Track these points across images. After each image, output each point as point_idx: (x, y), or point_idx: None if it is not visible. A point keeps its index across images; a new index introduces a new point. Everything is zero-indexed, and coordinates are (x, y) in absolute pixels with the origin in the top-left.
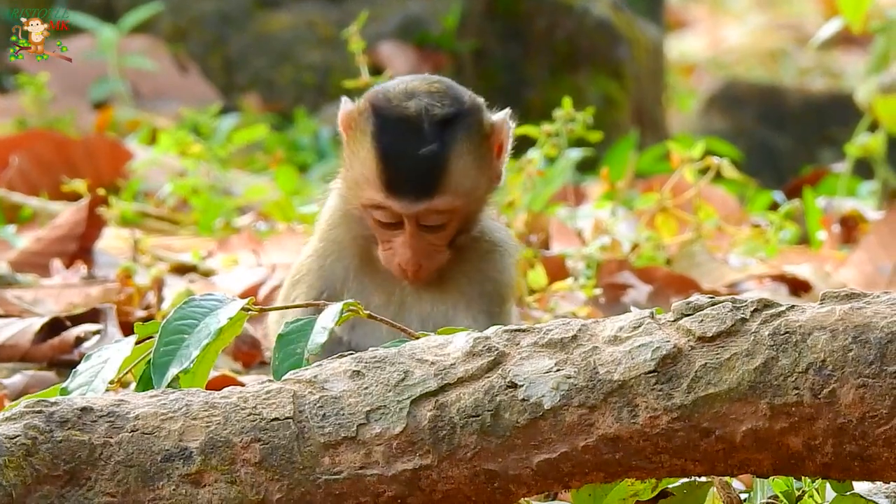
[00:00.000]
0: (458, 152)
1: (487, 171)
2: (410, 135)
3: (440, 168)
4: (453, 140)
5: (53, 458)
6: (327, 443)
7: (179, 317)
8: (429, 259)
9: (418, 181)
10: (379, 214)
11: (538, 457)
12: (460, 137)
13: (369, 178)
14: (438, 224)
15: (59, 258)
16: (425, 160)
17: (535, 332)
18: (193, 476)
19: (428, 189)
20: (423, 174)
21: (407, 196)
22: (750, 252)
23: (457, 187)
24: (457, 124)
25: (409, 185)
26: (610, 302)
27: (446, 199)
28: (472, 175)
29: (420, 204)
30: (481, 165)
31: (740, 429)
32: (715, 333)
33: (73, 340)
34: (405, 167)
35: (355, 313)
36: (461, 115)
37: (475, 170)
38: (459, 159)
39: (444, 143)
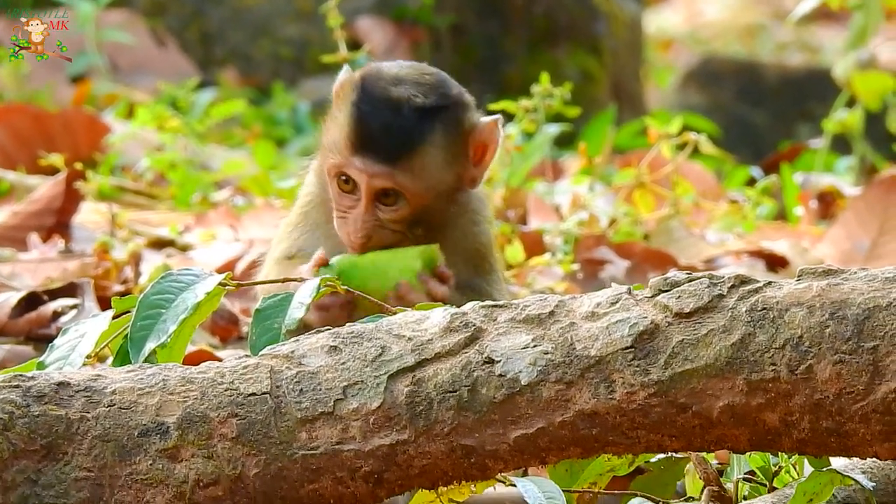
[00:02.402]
0: (430, 140)
1: (458, 170)
2: (388, 111)
3: (408, 144)
4: (428, 128)
5: (30, 432)
6: (304, 418)
7: (157, 291)
8: (378, 234)
9: (383, 147)
10: (341, 181)
11: (515, 432)
12: (436, 128)
13: (340, 139)
14: (392, 203)
15: (37, 232)
16: (395, 132)
17: (512, 308)
18: (170, 451)
19: (390, 157)
20: (390, 144)
21: (369, 157)
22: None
23: (418, 170)
24: (435, 116)
25: (375, 147)
26: (587, 277)
27: (405, 176)
28: (439, 167)
29: (378, 168)
30: (451, 162)
31: (717, 404)
32: (692, 309)
33: (50, 314)
34: (374, 133)
35: (333, 289)
36: (442, 108)
37: (442, 162)
38: (429, 147)
39: (418, 128)
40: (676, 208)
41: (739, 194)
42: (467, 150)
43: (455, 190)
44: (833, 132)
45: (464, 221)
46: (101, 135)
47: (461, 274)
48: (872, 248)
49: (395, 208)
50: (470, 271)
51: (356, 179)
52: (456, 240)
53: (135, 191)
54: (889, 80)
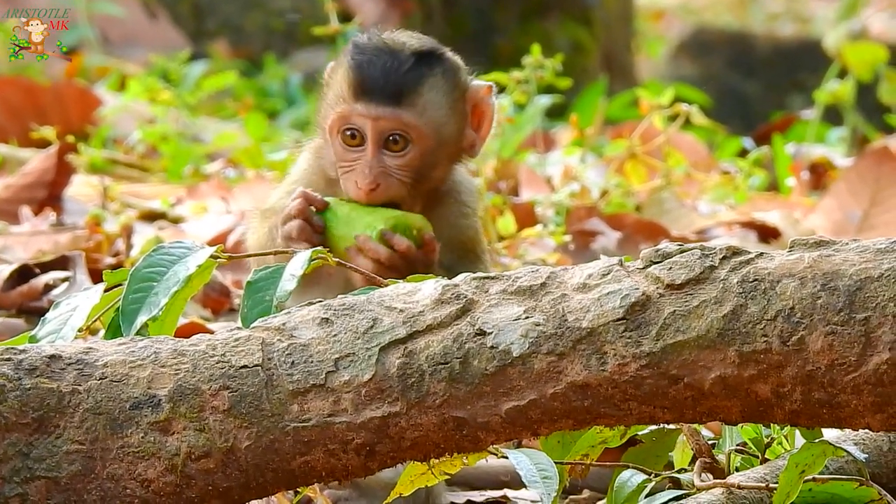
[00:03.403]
0: (430, 81)
1: (459, 123)
2: (386, 56)
3: (410, 83)
4: (427, 70)
5: (22, 405)
6: (296, 390)
7: (148, 264)
8: (386, 182)
9: (386, 87)
10: (346, 132)
11: (507, 404)
12: (435, 70)
13: (341, 91)
14: (400, 148)
15: (28, 205)
16: (396, 72)
17: (503, 280)
18: (162, 423)
19: (394, 96)
20: (392, 83)
21: (374, 99)
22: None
23: (425, 111)
24: (434, 61)
25: (377, 89)
26: (579, 249)
27: (411, 113)
28: (441, 109)
29: (382, 110)
30: (452, 110)
31: (709, 376)
32: (684, 281)
33: (41, 287)
34: (376, 75)
35: (324, 261)
36: (439, 57)
37: (445, 106)
38: (430, 86)
39: (417, 69)
40: (668, 179)
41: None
42: (465, 106)
43: (456, 149)
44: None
45: (452, 212)
46: (93, 107)
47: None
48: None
49: (403, 153)
50: (455, 259)
51: (361, 127)
52: (444, 230)
53: (126, 163)
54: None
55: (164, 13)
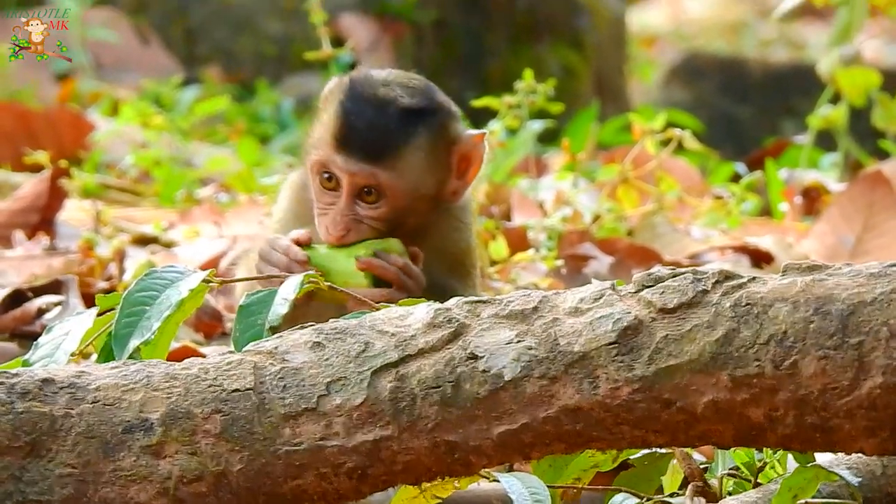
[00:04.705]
0: (413, 142)
1: (440, 177)
2: (374, 111)
3: (391, 143)
4: (412, 129)
5: (14, 429)
6: (288, 414)
7: (141, 288)
8: (357, 228)
9: (366, 145)
10: (324, 178)
11: (499, 428)
12: (420, 129)
13: (325, 136)
14: (373, 201)
15: (21, 229)
16: (379, 132)
17: (495, 304)
18: (154, 447)
19: (373, 155)
20: (373, 142)
21: (352, 155)
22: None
23: (400, 169)
24: (421, 118)
25: (358, 145)
26: (571, 273)
27: (387, 174)
28: (421, 170)
29: (360, 166)
30: (433, 167)
31: (701, 400)
32: (676, 305)
33: (34, 311)
34: (359, 130)
35: (316, 285)
36: (428, 112)
37: (425, 165)
38: (412, 147)
39: (402, 128)
40: (660, 204)
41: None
42: (451, 159)
43: (436, 198)
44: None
45: (444, 226)
46: (86, 132)
47: (437, 276)
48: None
49: (376, 206)
50: (446, 274)
51: (338, 176)
52: (435, 243)
53: (119, 188)
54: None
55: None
